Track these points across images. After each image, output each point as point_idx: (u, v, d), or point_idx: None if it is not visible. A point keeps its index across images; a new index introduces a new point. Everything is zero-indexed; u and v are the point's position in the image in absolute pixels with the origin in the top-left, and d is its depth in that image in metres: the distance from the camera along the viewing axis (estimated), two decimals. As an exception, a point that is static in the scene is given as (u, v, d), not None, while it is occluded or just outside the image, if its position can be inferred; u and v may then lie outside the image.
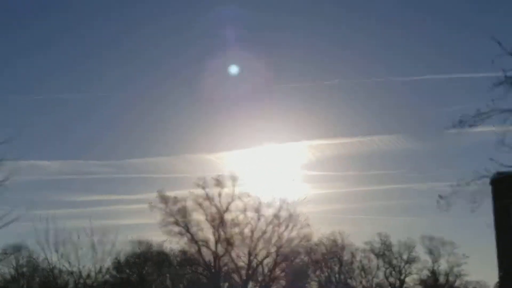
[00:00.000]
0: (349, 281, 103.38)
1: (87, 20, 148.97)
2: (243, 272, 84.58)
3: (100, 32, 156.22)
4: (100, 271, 43.37)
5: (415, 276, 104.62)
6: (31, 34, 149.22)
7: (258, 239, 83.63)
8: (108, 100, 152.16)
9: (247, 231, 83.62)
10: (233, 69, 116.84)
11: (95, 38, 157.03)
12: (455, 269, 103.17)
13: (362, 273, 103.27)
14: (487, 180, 23.61)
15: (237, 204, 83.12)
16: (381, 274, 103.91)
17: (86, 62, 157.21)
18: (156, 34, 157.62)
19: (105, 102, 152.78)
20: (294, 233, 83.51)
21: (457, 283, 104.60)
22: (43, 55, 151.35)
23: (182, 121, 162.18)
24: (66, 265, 42.40)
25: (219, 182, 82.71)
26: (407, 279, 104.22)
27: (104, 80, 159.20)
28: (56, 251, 41.63)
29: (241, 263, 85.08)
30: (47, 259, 42.06)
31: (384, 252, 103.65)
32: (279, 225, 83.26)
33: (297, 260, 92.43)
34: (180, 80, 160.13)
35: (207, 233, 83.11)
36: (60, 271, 45.03)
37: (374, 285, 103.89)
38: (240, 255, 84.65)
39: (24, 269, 77.74)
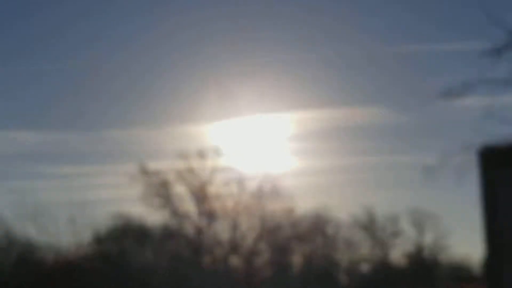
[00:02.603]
0: (333, 254, 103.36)
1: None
2: (226, 245, 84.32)
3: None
4: (79, 245, 42.22)
5: (399, 249, 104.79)
6: (9, 2, 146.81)
7: (241, 212, 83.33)
8: (87, 71, 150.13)
9: (230, 204, 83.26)
10: None
11: (76, 7, 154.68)
12: (441, 242, 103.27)
13: (347, 246, 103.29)
14: (473, 152, 23.25)
15: (220, 176, 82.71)
16: (365, 247, 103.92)
17: (65, 32, 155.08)
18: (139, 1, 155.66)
19: (84, 73, 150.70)
20: (277, 206, 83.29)
21: (442, 256, 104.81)
22: (22, 24, 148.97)
23: (163, 91, 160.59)
24: (44, 238, 41.17)
25: (202, 154, 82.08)
26: (391, 252, 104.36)
27: (83, 51, 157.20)
28: (34, 224, 40.34)
29: (224, 236, 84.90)
30: (24, 232, 40.74)
31: (368, 225, 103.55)
32: (262, 198, 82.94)
33: (281, 233, 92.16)
34: (160, 49, 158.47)
35: (190, 206, 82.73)
36: (38, 245, 43.76)
37: (358, 258, 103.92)
38: (223, 229, 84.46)
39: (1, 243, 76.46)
